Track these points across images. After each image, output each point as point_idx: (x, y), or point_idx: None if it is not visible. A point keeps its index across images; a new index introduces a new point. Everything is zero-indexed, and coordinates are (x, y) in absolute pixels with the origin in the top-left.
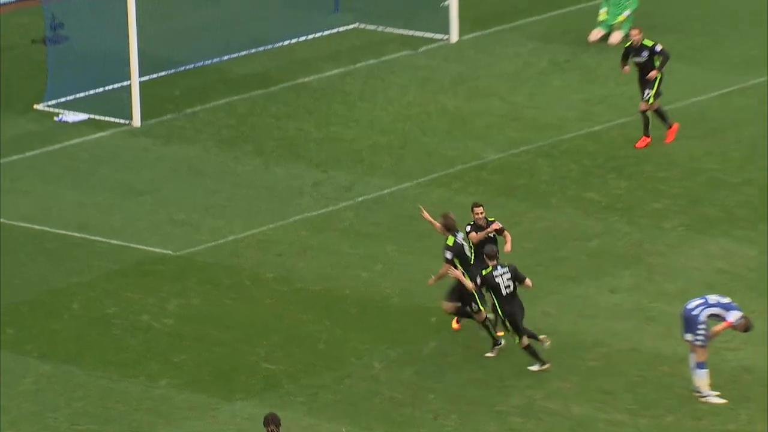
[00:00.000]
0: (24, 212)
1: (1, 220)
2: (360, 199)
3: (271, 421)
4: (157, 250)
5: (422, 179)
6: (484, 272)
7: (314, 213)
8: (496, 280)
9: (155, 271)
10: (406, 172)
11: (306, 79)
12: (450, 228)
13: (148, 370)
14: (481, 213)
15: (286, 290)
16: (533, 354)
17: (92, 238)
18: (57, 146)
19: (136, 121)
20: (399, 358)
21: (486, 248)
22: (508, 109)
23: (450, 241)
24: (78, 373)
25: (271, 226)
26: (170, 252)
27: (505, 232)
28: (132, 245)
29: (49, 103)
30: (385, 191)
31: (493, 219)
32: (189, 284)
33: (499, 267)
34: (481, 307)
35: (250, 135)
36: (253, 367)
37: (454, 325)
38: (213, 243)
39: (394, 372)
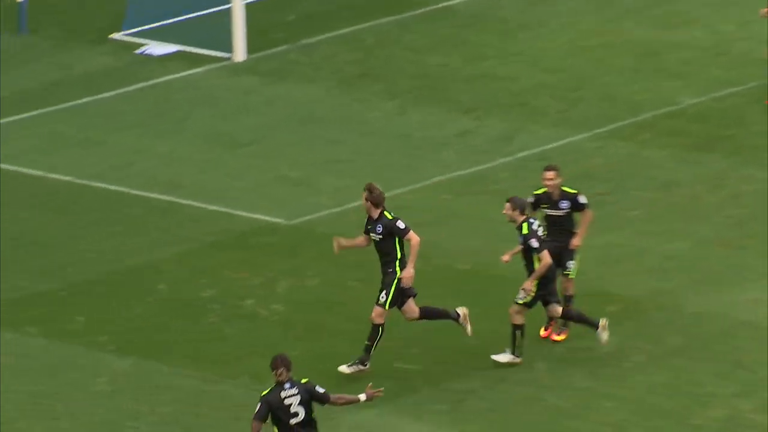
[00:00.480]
0: (97, 169)
1: (69, 178)
2: (520, 154)
3: (281, 362)
4: (265, 217)
5: (600, 129)
6: (523, 230)
7: (461, 171)
8: (539, 232)
9: (262, 245)
10: (579, 120)
11: (451, 2)
12: (377, 203)
13: (252, 368)
14: (552, 179)
15: (426, 269)
16: (584, 319)
17: (183, 201)
18: (139, 86)
19: (239, 54)
20: (567, 357)
21: (515, 199)
22: (713, 41)
23: (390, 215)
24: (164, 371)
25: (406, 187)
26: (281, 220)
27: (587, 211)
28: (233, 211)
29: (129, 31)
30: (553, 144)
31: (575, 191)
32: (304, 261)
33: (533, 219)
34: (388, 305)
35: (380, 72)
36: (384, 367)
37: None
38: (335, 209)
39: (561, 374)
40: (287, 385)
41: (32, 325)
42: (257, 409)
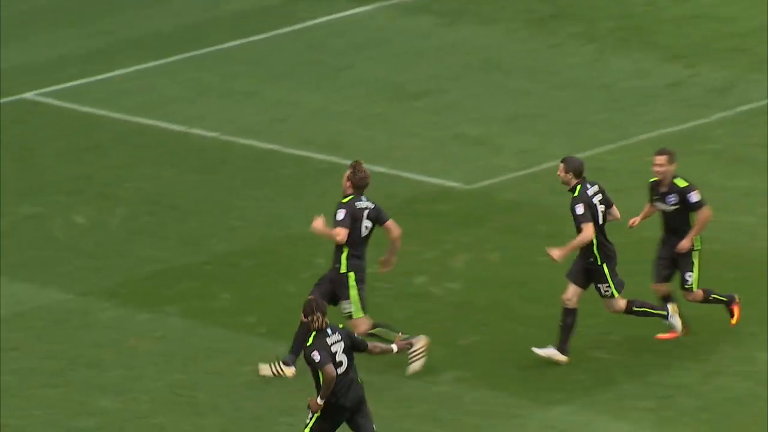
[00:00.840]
0: (245, 123)
1: (214, 134)
2: (741, 108)
3: (317, 307)
4: (439, 181)
5: None
6: (575, 192)
7: (671, 128)
8: (593, 200)
9: (436, 213)
10: None
11: None
12: (358, 185)
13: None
14: (661, 165)
15: (627, 242)
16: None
17: (344, 162)
18: (295, 28)
19: None
20: None
21: (570, 160)
22: None
23: (346, 199)
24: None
25: (606, 146)
26: (459, 184)
27: (703, 211)
28: (402, 173)
29: None
30: None
31: (686, 185)
32: (486, 232)
33: (589, 185)
34: (361, 311)
35: (576, 12)
36: (578, 355)
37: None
38: (522, 171)
39: None
40: (329, 331)
41: (171, 304)
42: (319, 357)
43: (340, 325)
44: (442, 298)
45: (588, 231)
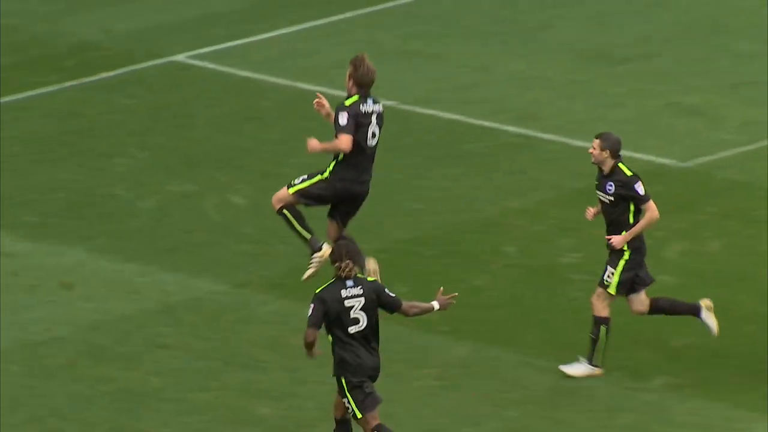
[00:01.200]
0: (425, 91)
1: (391, 102)
2: None
3: (347, 252)
4: (650, 157)
5: None
6: (626, 171)
7: None
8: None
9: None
10: None
11: None
12: (361, 83)
13: (629, 360)
14: None
15: None
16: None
17: (541, 135)
18: None
19: None
20: None
21: (608, 136)
22: None
23: (350, 101)
24: (513, 361)
25: None
26: (672, 162)
27: None
28: None
29: None
30: None
31: None
32: (703, 217)
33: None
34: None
35: None
36: None
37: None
38: (746, 146)
39: None
40: (350, 283)
41: None
42: (310, 312)
43: (370, 278)
44: (652, 293)
45: (654, 209)
